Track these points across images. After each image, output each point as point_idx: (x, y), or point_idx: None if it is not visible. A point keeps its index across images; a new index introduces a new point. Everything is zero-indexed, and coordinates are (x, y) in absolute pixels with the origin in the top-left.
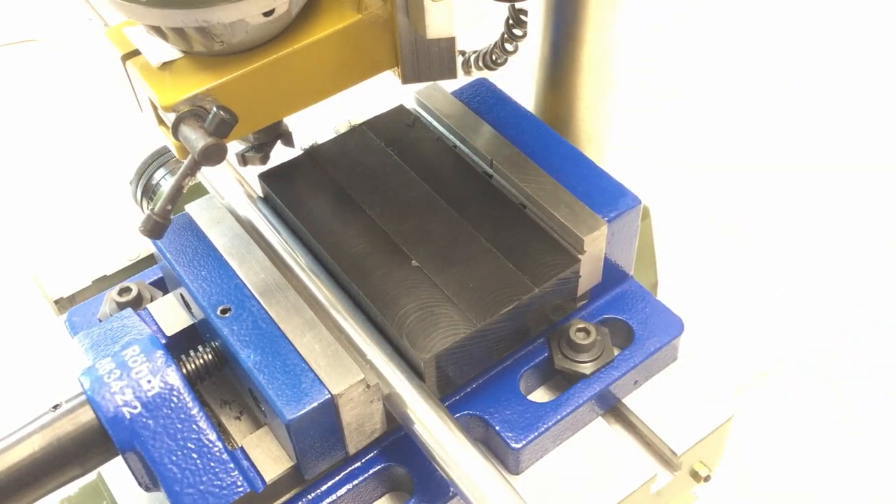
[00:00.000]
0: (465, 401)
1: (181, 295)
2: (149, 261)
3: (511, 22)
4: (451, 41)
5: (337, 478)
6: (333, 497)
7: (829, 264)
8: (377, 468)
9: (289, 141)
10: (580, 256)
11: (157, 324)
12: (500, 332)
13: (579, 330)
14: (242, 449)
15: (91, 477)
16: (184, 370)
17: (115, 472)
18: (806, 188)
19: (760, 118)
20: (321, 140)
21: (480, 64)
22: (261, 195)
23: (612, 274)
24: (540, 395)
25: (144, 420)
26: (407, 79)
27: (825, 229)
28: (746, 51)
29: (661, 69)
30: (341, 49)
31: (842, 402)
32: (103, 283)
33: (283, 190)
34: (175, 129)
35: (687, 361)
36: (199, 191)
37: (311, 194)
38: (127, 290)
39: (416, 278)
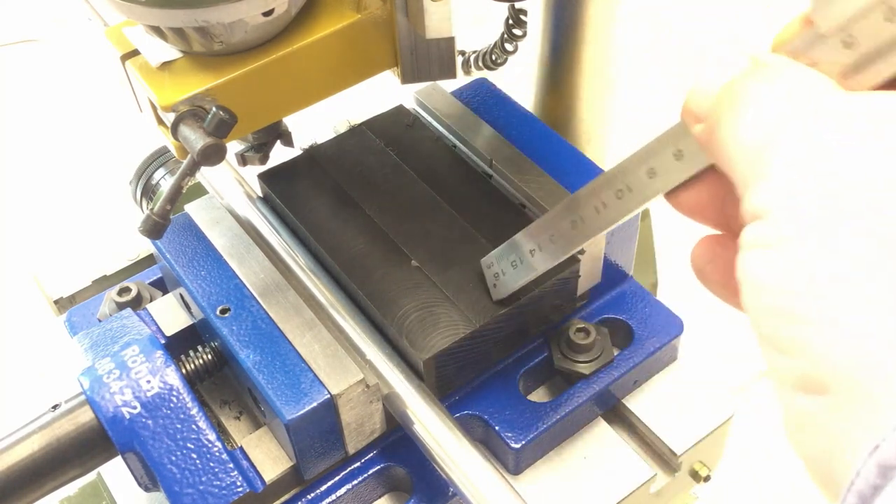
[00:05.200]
0: (464, 401)
1: (181, 295)
2: (148, 261)
3: (511, 22)
4: (450, 41)
5: (336, 478)
6: (333, 497)
7: None
8: (377, 468)
9: (288, 141)
10: (579, 256)
11: (156, 324)
12: (500, 333)
13: (579, 330)
14: (242, 449)
15: (91, 477)
16: (183, 370)
17: (115, 472)
18: None
19: None
20: (321, 140)
21: (480, 64)
22: (260, 195)
23: (612, 274)
24: (539, 396)
25: (144, 420)
26: (406, 79)
27: None
28: (747, 51)
29: (662, 69)
30: (341, 49)
31: None
32: (103, 283)
33: (282, 190)
34: (174, 129)
35: (687, 361)
36: (199, 191)
37: (310, 194)
38: (126, 290)
39: (416, 278)
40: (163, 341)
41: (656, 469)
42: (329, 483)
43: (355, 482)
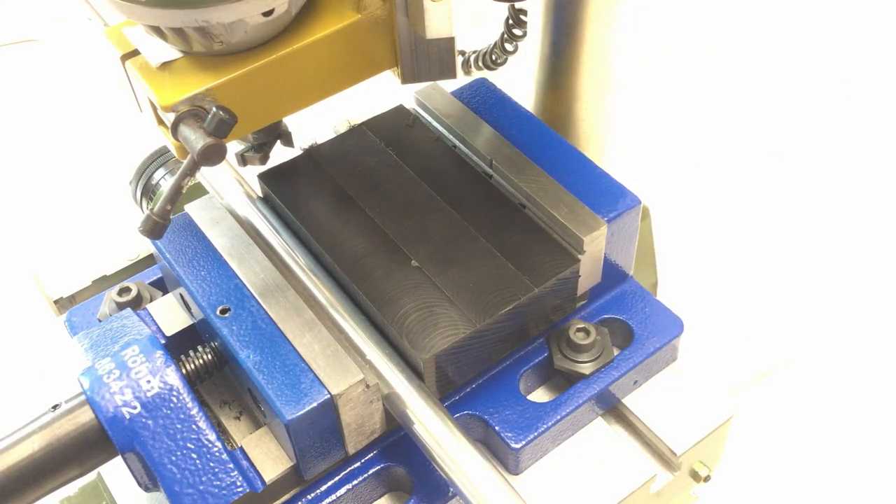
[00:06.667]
0: (464, 401)
1: (181, 295)
2: (148, 261)
3: (511, 22)
4: (450, 41)
5: (336, 478)
6: (333, 497)
7: (828, 264)
8: (377, 468)
9: (288, 141)
10: (580, 256)
11: (156, 324)
12: (500, 332)
13: (579, 330)
14: (242, 449)
15: (91, 477)
16: (183, 370)
17: (115, 472)
18: (806, 188)
19: (761, 118)
20: (321, 140)
21: (480, 64)
22: (260, 195)
23: (612, 274)
24: (540, 395)
25: (144, 420)
26: (406, 79)
27: (825, 229)
28: (746, 50)
29: (662, 69)
30: (341, 49)
31: (842, 401)
32: (103, 283)
33: (282, 190)
34: (174, 130)
35: (687, 361)
36: (199, 191)
37: (310, 194)
38: (126, 290)
39: (416, 278)
40: (163, 341)
41: (656, 469)
42: (329, 483)
43: (355, 482)
